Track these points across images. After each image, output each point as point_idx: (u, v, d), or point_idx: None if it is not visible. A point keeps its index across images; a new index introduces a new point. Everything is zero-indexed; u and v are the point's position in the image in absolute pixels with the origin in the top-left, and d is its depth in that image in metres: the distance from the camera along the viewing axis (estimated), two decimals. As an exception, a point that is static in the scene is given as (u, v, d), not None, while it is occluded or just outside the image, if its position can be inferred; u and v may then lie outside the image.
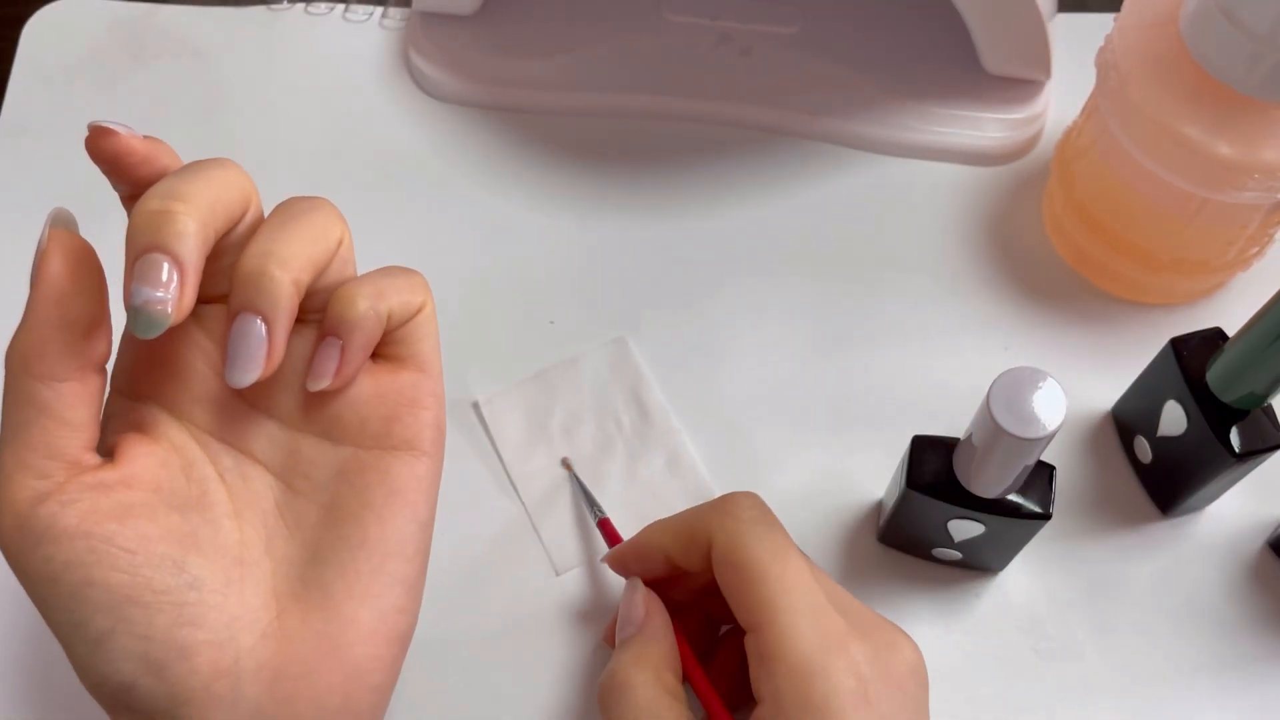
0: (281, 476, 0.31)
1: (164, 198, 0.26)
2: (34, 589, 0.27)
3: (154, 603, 0.27)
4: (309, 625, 0.29)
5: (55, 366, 0.27)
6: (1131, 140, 0.40)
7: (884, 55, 0.50)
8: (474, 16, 0.51)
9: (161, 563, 0.27)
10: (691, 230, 0.48)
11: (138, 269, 0.26)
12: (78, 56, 0.53)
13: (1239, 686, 0.40)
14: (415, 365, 0.31)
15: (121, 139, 0.28)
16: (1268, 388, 0.37)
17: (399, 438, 0.31)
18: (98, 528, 0.27)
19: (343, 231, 0.30)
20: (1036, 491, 0.36)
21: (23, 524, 0.27)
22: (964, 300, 0.46)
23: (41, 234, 0.27)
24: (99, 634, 0.27)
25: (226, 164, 0.28)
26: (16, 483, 0.27)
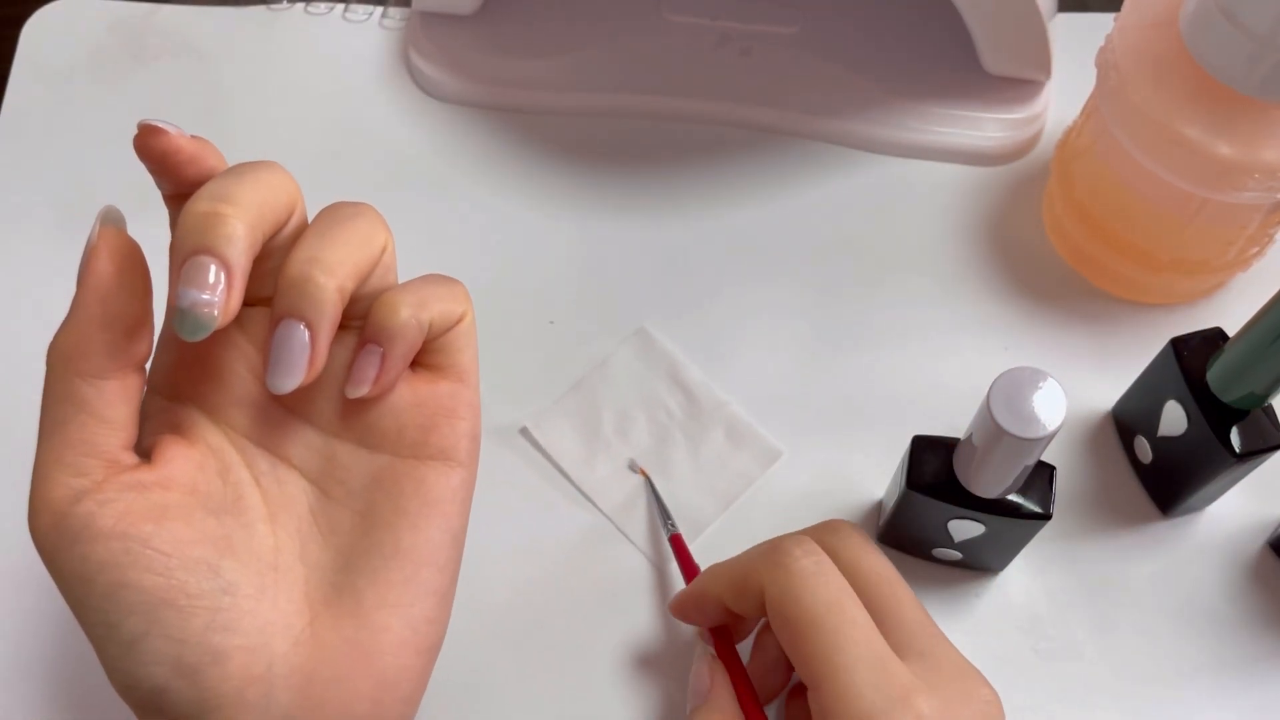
0: (317, 482, 0.30)
1: (213, 200, 0.26)
2: (68, 588, 0.27)
3: (188, 607, 0.27)
4: (340, 633, 0.29)
5: (97, 364, 0.27)
6: (1131, 140, 0.40)
7: (884, 55, 0.50)
8: (474, 16, 0.51)
9: (196, 566, 0.27)
10: (691, 230, 0.48)
11: (185, 271, 0.26)
12: (77, 56, 0.53)
13: (1239, 686, 0.40)
14: (454, 375, 0.31)
15: (170, 138, 0.28)
16: (1268, 388, 0.37)
17: (435, 447, 0.30)
18: (134, 529, 0.27)
19: (387, 238, 0.30)
20: (1037, 492, 0.36)
21: (59, 522, 0.27)
22: (964, 300, 0.46)
23: (91, 231, 0.27)
24: (132, 636, 0.26)
25: (273, 166, 0.28)
26: (54, 480, 0.27)
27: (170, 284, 0.26)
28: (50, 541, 0.27)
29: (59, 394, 0.27)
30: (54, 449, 0.27)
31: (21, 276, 0.48)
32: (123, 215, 0.28)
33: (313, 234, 0.28)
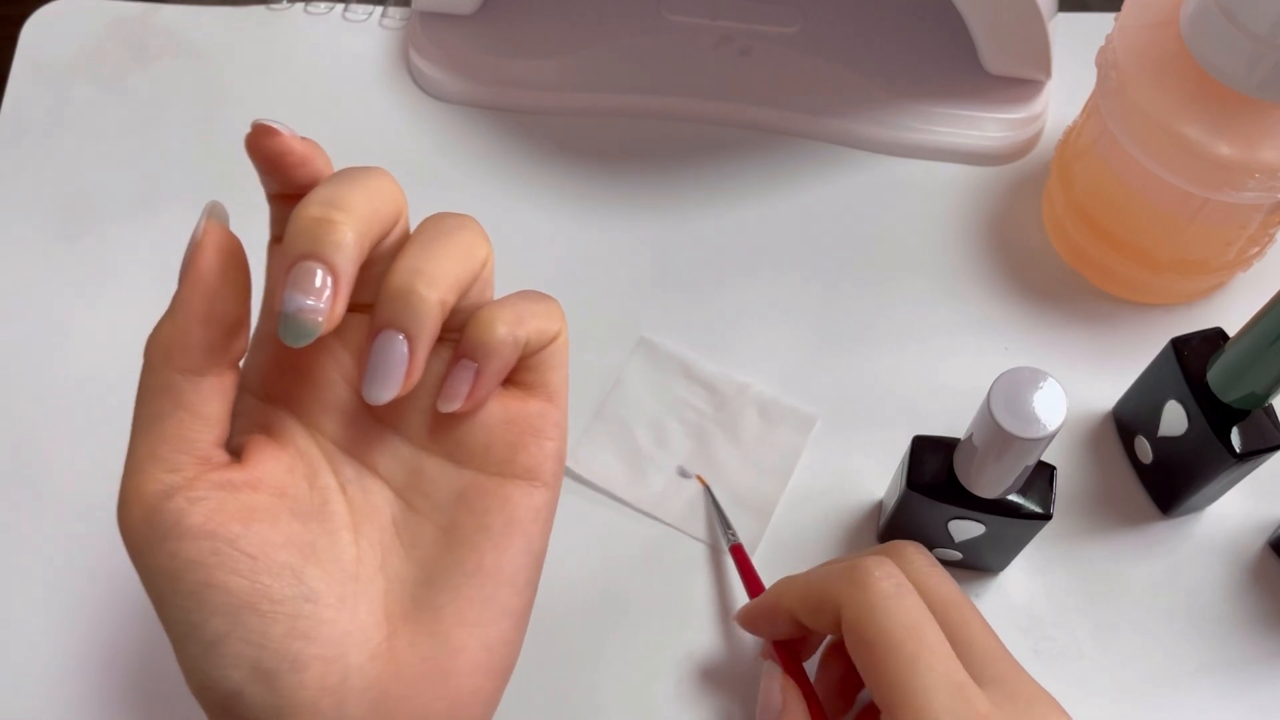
0: (401, 494, 0.30)
1: (325, 205, 0.26)
2: (153, 584, 0.27)
3: (270, 612, 0.26)
4: (417, 649, 0.29)
5: (197, 360, 0.27)
6: (1132, 140, 0.40)
7: (884, 55, 0.50)
8: (474, 16, 0.51)
9: (281, 571, 0.27)
10: (691, 230, 0.48)
11: (293, 275, 0.26)
12: (77, 56, 0.53)
13: (1239, 686, 0.40)
14: (544, 394, 0.31)
15: (284, 139, 0.28)
16: (1268, 388, 0.37)
17: (521, 466, 0.30)
18: (222, 528, 0.26)
19: (488, 252, 0.30)
20: (1037, 492, 0.36)
21: (150, 517, 0.26)
22: (964, 300, 0.46)
23: (197, 226, 0.27)
24: (214, 637, 0.26)
25: (382, 173, 0.28)
26: (148, 474, 0.27)
27: (274, 286, 0.26)
28: (140, 535, 0.26)
29: (156, 388, 0.27)
30: (148, 443, 0.27)
31: (21, 276, 0.48)
32: (226, 211, 0.28)
33: (417, 244, 0.28)
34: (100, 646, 0.41)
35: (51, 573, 0.42)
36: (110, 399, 0.45)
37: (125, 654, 0.41)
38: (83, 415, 0.44)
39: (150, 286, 0.47)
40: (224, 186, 0.49)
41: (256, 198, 0.51)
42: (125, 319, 0.46)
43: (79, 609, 0.41)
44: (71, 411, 0.45)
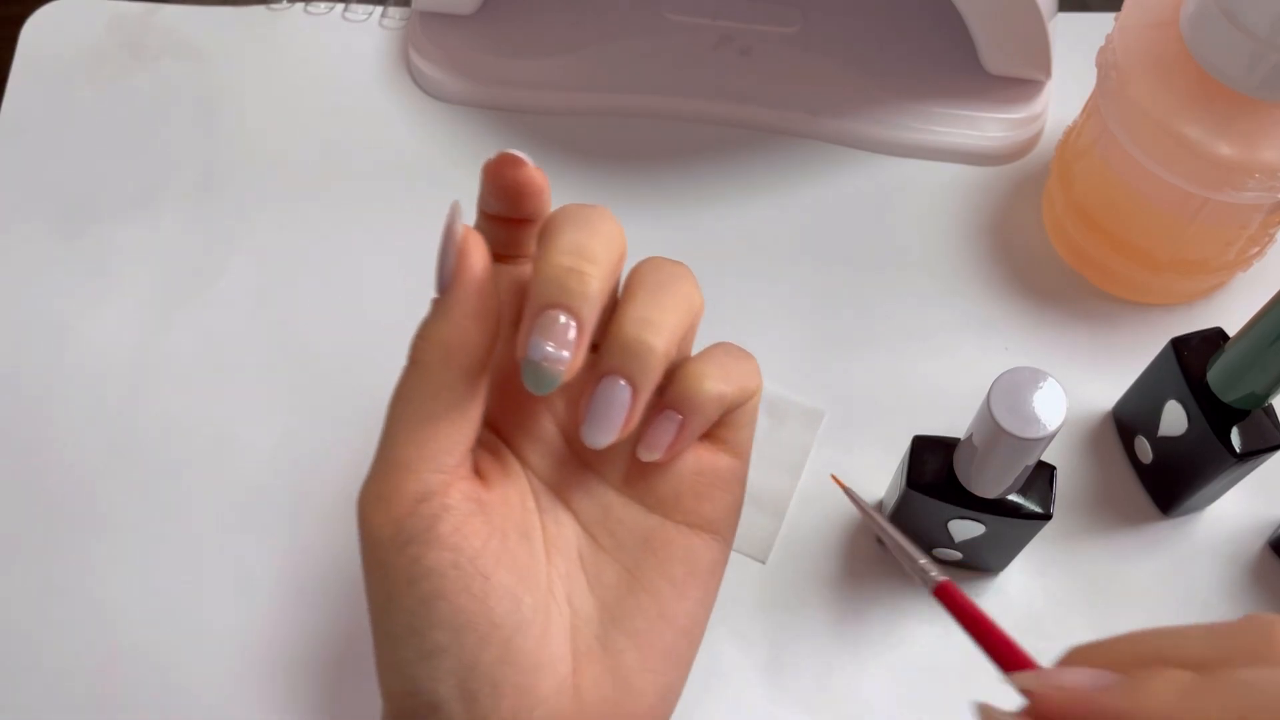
0: (589, 529, 0.30)
1: (576, 256, 0.26)
2: (383, 582, 0.27)
3: (488, 634, 0.27)
4: (599, 690, 0.29)
5: (477, 358, 0.27)
6: (1132, 140, 0.40)
7: (884, 55, 0.50)
8: (474, 16, 0.51)
9: (504, 595, 0.27)
10: (691, 230, 0.48)
11: (542, 323, 0.26)
12: (77, 56, 0.53)
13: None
14: (733, 450, 0.31)
15: (529, 171, 0.28)
16: (1268, 388, 0.37)
17: (705, 518, 0.30)
18: (465, 543, 0.26)
19: (701, 303, 0.30)
20: (1037, 492, 0.36)
21: (404, 518, 0.26)
22: (964, 300, 0.46)
23: (450, 225, 0.27)
24: (433, 648, 0.26)
25: (610, 217, 0.28)
26: (413, 473, 0.26)
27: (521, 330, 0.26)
28: (386, 533, 0.26)
29: (435, 387, 0.27)
30: (417, 441, 0.26)
31: (21, 275, 0.48)
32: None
33: (643, 292, 0.28)
34: (100, 648, 0.41)
35: (51, 573, 0.42)
36: (110, 398, 0.45)
37: (125, 655, 0.41)
38: (82, 414, 0.44)
39: (150, 286, 0.47)
40: (223, 186, 0.50)
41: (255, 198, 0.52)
42: (125, 318, 0.46)
43: (78, 610, 0.41)
44: (71, 411, 0.45)
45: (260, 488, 0.43)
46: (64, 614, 0.41)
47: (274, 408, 0.45)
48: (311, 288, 0.47)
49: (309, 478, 0.43)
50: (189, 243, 0.48)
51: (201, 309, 0.47)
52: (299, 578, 0.41)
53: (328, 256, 0.48)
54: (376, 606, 0.27)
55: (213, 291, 0.47)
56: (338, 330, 0.46)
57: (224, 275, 0.47)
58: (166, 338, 0.46)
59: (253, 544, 0.42)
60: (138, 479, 0.43)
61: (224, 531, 0.42)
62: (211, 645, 0.40)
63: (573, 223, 0.27)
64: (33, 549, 0.42)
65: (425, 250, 0.48)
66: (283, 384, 0.45)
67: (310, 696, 0.40)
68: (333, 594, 0.41)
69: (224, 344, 0.46)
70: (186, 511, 0.43)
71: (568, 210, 0.28)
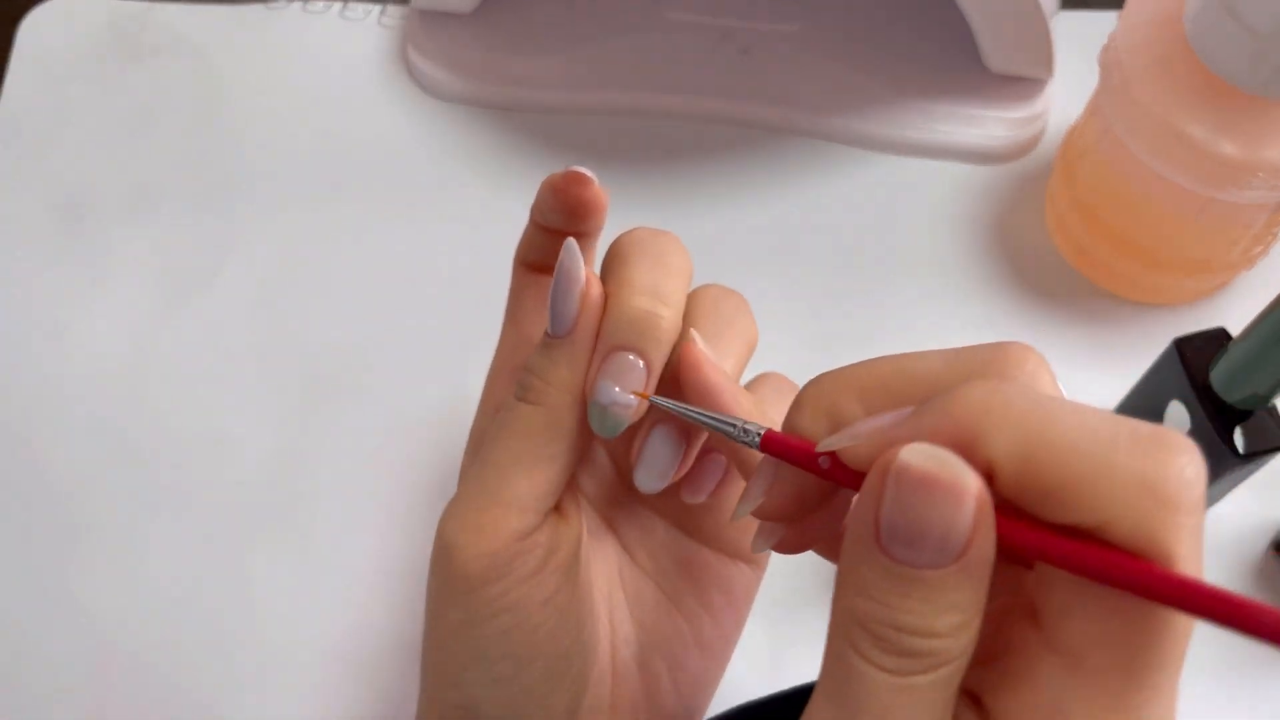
0: (629, 549, 0.30)
1: (652, 297, 0.26)
2: (462, 610, 0.26)
3: (552, 665, 0.27)
4: (634, 712, 0.29)
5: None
6: (1135, 139, 0.40)
7: (885, 53, 0.50)
8: (473, 14, 0.51)
9: (572, 626, 0.27)
10: (691, 229, 0.48)
11: (613, 366, 0.25)
12: (75, 54, 0.52)
13: (1241, 688, 0.39)
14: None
15: (597, 190, 0.27)
16: (1272, 388, 0.36)
17: (742, 549, 0.30)
18: (549, 580, 0.26)
19: (756, 336, 0.30)
20: (1039, 492, 0.36)
21: (500, 551, 0.26)
22: (966, 299, 0.46)
23: (570, 266, 0.26)
24: (499, 675, 0.26)
25: (683, 249, 0.28)
26: (520, 512, 0.26)
27: (590, 369, 0.26)
28: (478, 565, 0.26)
29: (559, 430, 0.26)
30: (534, 481, 0.26)
31: (18, 274, 0.47)
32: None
33: (707, 323, 0.28)
34: (98, 648, 0.40)
35: (49, 573, 0.41)
36: (108, 397, 0.45)
37: (123, 655, 0.40)
38: (80, 413, 0.44)
39: (148, 284, 0.47)
40: (222, 184, 0.49)
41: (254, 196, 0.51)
42: (123, 317, 0.46)
43: (76, 609, 0.41)
44: (68, 410, 0.44)
45: (259, 487, 0.43)
46: (62, 614, 0.41)
47: (272, 406, 0.44)
48: (310, 285, 0.47)
49: (308, 477, 0.43)
50: (187, 241, 0.48)
51: (199, 307, 0.46)
52: (298, 577, 0.41)
53: (326, 254, 0.48)
54: (445, 628, 0.27)
55: (210, 289, 0.47)
56: (337, 329, 0.46)
57: (222, 273, 0.47)
58: (164, 336, 0.46)
59: (251, 544, 0.42)
60: (135, 478, 0.43)
61: (222, 531, 0.42)
62: (210, 645, 0.40)
63: (648, 257, 0.27)
64: (31, 549, 0.42)
65: (423, 250, 0.48)
66: (282, 383, 0.45)
67: (310, 695, 0.40)
68: (332, 593, 0.41)
69: (222, 343, 0.46)
70: (185, 511, 0.43)
71: (640, 239, 0.27)
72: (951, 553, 0.19)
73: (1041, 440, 0.19)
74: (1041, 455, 0.19)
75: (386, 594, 0.41)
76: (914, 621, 0.19)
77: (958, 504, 0.19)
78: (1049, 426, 0.19)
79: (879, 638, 0.20)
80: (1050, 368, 0.22)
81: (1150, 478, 0.18)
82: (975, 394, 0.19)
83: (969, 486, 0.19)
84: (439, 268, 0.47)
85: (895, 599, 0.19)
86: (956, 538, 0.19)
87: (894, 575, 0.19)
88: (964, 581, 0.19)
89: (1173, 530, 0.18)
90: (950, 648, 0.19)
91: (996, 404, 0.19)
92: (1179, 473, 0.18)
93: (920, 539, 0.19)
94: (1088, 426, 0.19)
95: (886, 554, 0.19)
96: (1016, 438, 0.19)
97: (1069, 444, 0.19)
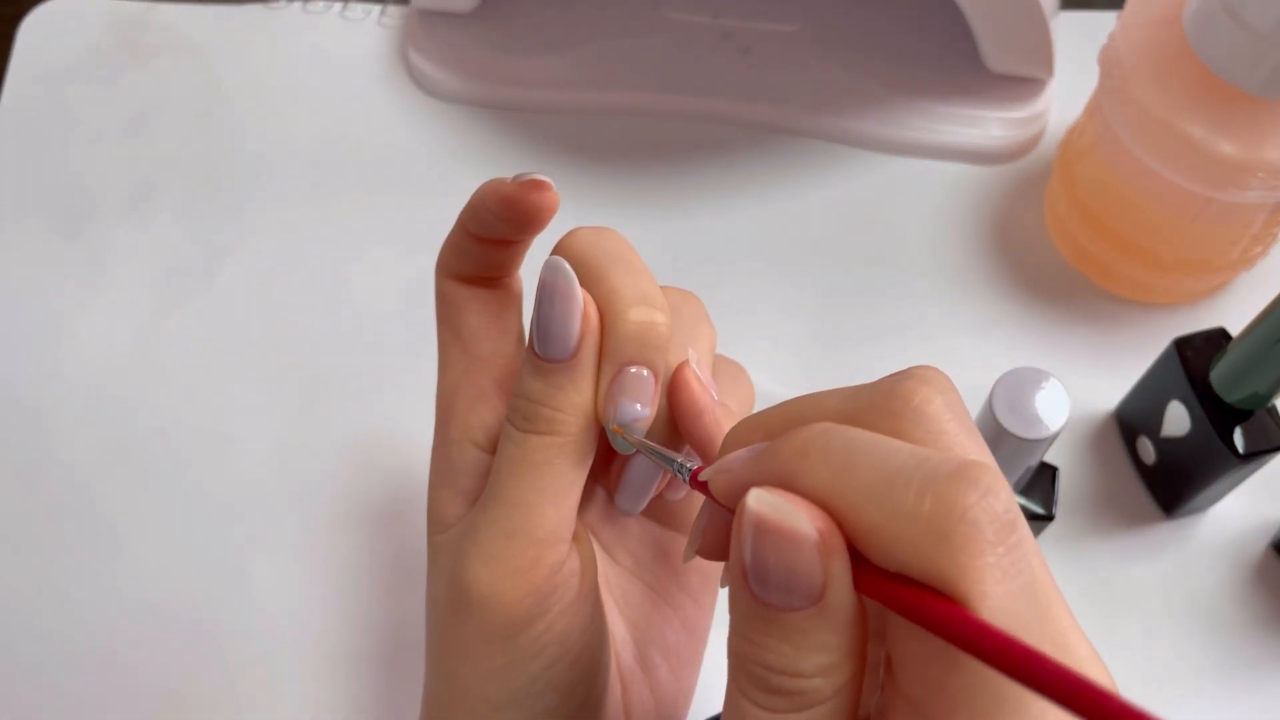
0: (609, 551, 0.30)
1: (646, 306, 0.25)
2: (503, 654, 0.25)
3: (589, 689, 0.27)
4: (644, 709, 0.29)
5: (599, 424, 0.26)
6: (1134, 139, 0.40)
7: (885, 53, 0.50)
8: (473, 14, 0.51)
9: (602, 645, 0.27)
10: (691, 229, 0.48)
11: (627, 383, 0.25)
12: (74, 54, 0.52)
13: (1242, 688, 0.39)
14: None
15: (553, 196, 0.26)
16: (1272, 388, 0.36)
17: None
18: (586, 603, 0.26)
19: (714, 336, 0.30)
20: (1039, 492, 0.36)
21: (543, 587, 0.25)
22: (966, 300, 0.46)
23: (565, 286, 0.25)
24: (545, 708, 0.26)
25: (629, 241, 0.27)
26: (553, 545, 0.25)
27: (603, 390, 0.25)
28: (523, 608, 0.25)
29: (580, 454, 0.26)
30: (562, 511, 0.25)
31: (18, 275, 0.47)
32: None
33: (679, 338, 0.28)
34: (98, 647, 0.40)
35: (48, 573, 0.41)
36: (107, 398, 0.45)
37: (123, 655, 0.40)
38: (80, 414, 0.44)
39: (147, 285, 0.47)
40: (221, 185, 0.49)
41: (253, 196, 0.51)
42: (122, 317, 0.46)
43: (76, 609, 0.41)
44: (68, 410, 0.44)
45: (257, 487, 0.43)
46: (62, 614, 0.41)
47: (271, 407, 0.44)
48: (309, 286, 0.47)
49: (306, 477, 0.43)
50: (186, 241, 0.48)
51: (199, 308, 0.46)
52: (297, 577, 0.41)
53: (325, 255, 0.48)
54: (478, 675, 0.26)
55: (210, 290, 0.47)
56: (336, 329, 0.46)
57: (221, 274, 0.47)
58: (164, 337, 0.46)
59: (250, 544, 0.42)
60: (134, 478, 0.43)
61: (221, 531, 0.42)
62: (210, 645, 0.40)
63: (620, 263, 0.26)
64: (30, 549, 0.42)
65: (423, 250, 0.47)
66: (280, 383, 0.45)
67: (309, 695, 0.39)
68: (332, 593, 0.41)
69: (222, 343, 0.46)
70: (184, 511, 0.43)
71: (592, 242, 0.26)
72: (805, 595, 0.19)
73: (843, 483, 0.19)
74: (841, 500, 0.19)
75: (386, 593, 0.41)
76: (780, 662, 0.19)
77: (795, 549, 0.19)
78: (849, 470, 0.19)
79: (752, 675, 0.20)
80: (951, 393, 0.22)
81: (933, 520, 0.18)
82: (799, 436, 0.20)
83: (801, 531, 0.19)
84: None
85: (761, 638, 0.20)
86: (805, 581, 0.19)
87: (759, 615, 0.20)
88: (824, 625, 0.19)
89: (967, 571, 0.18)
90: (820, 688, 0.19)
91: (814, 447, 0.20)
92: (962, 514, 0.18)
93: (771, 581, 0.19)
94: (886, 468, 0.19)
95: (750, 594, 0.20)
96: (821, 481, 0.19)
97: (864, 487, 0.19)
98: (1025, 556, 0.18)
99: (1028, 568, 0.19)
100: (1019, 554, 0.18)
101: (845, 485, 0.19)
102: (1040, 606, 0.19)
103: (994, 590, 0.18)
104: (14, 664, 0.40)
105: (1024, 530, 0.19)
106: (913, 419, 0.21)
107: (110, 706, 0.40)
